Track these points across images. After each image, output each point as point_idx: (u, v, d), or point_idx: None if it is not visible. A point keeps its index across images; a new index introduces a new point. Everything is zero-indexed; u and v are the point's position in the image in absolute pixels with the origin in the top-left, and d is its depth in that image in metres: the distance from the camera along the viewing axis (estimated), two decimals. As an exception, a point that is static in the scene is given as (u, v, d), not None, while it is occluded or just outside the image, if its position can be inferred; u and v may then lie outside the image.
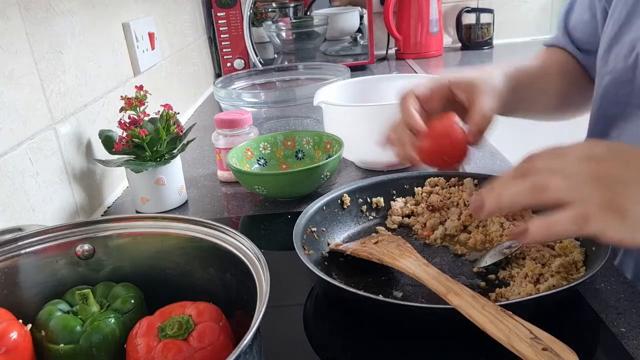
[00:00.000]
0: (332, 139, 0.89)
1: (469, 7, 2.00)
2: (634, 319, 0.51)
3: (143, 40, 1.12)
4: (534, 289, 0.54)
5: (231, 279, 0.48)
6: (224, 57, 1.65)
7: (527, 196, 0.45)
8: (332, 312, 0.58)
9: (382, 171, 0.92)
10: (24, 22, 0.71)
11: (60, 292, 0.50)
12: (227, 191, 0.92)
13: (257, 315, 0.37)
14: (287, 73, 1.42)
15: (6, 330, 0.43)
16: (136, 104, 0.80)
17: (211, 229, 0.49)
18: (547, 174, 0.44)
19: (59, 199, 0.76)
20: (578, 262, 0.56)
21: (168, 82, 1.31)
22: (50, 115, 0.76)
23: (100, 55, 0.94)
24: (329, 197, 0.70)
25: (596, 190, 0.42)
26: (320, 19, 1.86)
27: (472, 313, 0.45)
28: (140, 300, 0.50)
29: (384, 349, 0.51)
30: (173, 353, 0.41)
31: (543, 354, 0.39)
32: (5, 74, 0.66)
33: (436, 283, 0.50)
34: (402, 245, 0.61)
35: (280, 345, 0.54)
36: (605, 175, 0.43)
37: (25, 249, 0.49)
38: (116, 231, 0.52)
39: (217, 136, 0.92)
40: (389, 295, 0.57)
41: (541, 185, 0.44)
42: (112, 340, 0.45)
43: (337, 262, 0.64)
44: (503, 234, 0.64)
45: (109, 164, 0.82)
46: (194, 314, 0.44)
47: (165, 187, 0.83)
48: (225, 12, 1.60)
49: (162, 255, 0.52)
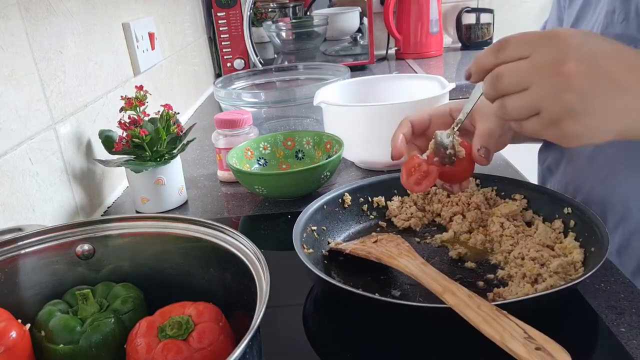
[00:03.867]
0: (332, 139, 0.89)
1: (469, 7, 2.00)
2: (634, 319, 0.51)
3: (143, 40, 1.12)
4: (531, 289, 0.54)
5: (231, 279, 0.48)
6: (224, 57, 1.65)
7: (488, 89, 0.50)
8: (331, 312, 0.58)
9: (382, 171, 0.92)
10: (24, 22, 0.71)
11: (60, 292, 0.50)
12: (227, 191, 0.92)
13: (257, 315, 0.37)
14: (287, 73, 1.42)
15: (5, 330, 0.43)
16: (136, 104, 0.80)
17: (211, 229, 0.49)
18: (513, 81, 0.48)
19: (59, 199, 0.76)
20: (577, 263, 0.56)
21: (168, 82, 1.31)
22: (50, 115, 0.76)
23: (100, 55, 0.94)
24: (329, 196, 0.70)
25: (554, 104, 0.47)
26: (320, 19, 1.86)
27: (467, 312, 0.45)
28: (140, 300, 0.50)
29: (382, 348, 0.51)
30: (173, 353, 0.41)
31: (536, 353, 0.39)
32: (5, 74, 0.66)
33: (433, 282, 0.51)
34: (401, 244, 0.61)
35: (280, 345, 0.54)
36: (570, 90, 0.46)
37: (25, 249, 0.49)
38: (116, 231, 0.52)
39: (217, 136, 0.92)
40: (388, 294, 0.57)
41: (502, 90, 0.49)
42: (112, 340, 0.45)
43: (337, 261, 0.64)
44: (503, 234, 0.64)
45: (109, 164, 0.82)
46: (193, 314, 0.44)
47: (165, 187, 0.83)
48: (225, 12, 1.60)
49: (162, 255, 0.52)
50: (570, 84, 0.45)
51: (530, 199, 0.69)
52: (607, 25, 0.68)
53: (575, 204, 0.63)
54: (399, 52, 1.95)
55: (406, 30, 1.90)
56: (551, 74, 0.46)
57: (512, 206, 0.67)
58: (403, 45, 1.92)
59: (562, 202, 0.64)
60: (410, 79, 1.04)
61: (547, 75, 0.46)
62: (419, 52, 1.91)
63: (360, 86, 1.05)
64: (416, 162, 0.62)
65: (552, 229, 0.64)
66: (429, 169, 0.61)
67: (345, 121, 0.90)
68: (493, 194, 0.71)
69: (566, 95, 0.46)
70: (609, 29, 0.68)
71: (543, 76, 0.46)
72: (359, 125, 0.88)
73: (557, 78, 0.45)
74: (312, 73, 1.39)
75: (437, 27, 1.90)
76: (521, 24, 2.05)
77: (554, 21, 0.86)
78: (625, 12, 0.66)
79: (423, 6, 1.86)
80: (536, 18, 2.05)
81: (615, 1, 0.67)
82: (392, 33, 1.88)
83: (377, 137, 0.87)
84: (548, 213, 0.66)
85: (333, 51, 1.88)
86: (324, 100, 0.91)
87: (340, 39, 1.98)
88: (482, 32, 1.99)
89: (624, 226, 0.68)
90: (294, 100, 1.15)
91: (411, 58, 1.91)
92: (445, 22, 2.05)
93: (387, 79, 1.06)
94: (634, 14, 0.65)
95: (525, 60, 0.47)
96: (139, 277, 0.52)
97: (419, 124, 0.68)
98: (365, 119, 0.87)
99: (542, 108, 0.47)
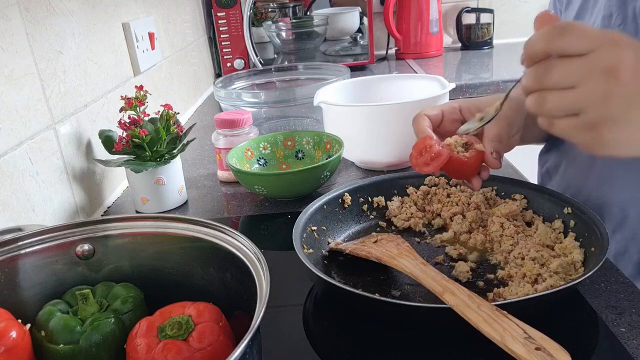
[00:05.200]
0: (332, 139, 0.89)
1: (469, 7, 1.99)
2: (634, 319, 0.51)
3: (143, 40, 1.12)
4: (531, 289, 0.54)
5: (231, 279, 0.48)
6: (224, 57, 1.65)
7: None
8: (331, 312, 0.58)
9: (382, 171, 0.92)
10: (24, 22, 0.71)
11: (60, 292, 0.50)
12: (227, 191, 0.92)
13: (257, 315, 0.37)
14: (287, 73, 1.42)
15: (5, 330, 0.43)
16: (136, 104, 0.80)
17: (211, 229, 0.49)
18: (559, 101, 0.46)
19: (59, 199, 0.76)
20: (577, 263, 0.56)
21: (168, 82, 1.31)
22: (50, 115, 0.76)
23: (100, 55, 0.94)
24: (330, 196, 0.70)
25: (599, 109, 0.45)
26: (320, 19, 1.86)
27: (467, 312, 0.45)
28: (140, 300, 0.50)
29: (382, 348, 0.51)
30: (173, 353, 0.41)
31: (536, 353, 0.40)
32: (5, 74, 0.66)
33: (433, 282, 0.51)
34: (401, 244, 0.61)
35: (280, 345, 0.54)
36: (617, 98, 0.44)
37: (25, 249, 0.49)
38: (116, 231, 0.52)
39: (217, 136, 0.93)
40: (387, 294, 0.57)
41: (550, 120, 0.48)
42: (112, 340, 0.45)
43: (337, 261, 0.64)
44: (503, 234, 0.64)
45: (109, 164, 0.82)
46: (193, 314, 0.44)
47: (165, 187, 0.83)
48: (225, 12, 1.60)
49: (162, 255, 0.52)
50: (621, 92, 0.44)
51: (530, 199, 0.69)
52: (604, 28, 0.68)
53: (575, 204, 0.63)
54: (399, 52, 1.95)
55: (406, 30, 1.90)
56: (605, 78, 0.44)
57: (512, 206, 0.67)
58: (403, 45, 1.92)
59: (562, 202, 0.64)
60: (410, 79, 1.04)
61: (600, 78, 0.44)
62: (419, 52, 1.91)
63: (360, 86, 1.05)
64: (428, 143, 0.62)
65: (552, 229, 0.63)
66: (440, 151, 0.61)
67: (345, 121, 0.90)
68: (493, 194, 0.71)
69: (614, 101, 0.44)
70: None
71: (596, 78, 0.44)
72: (359, 125, 0.88)
73: (609, 83, 0.44)
74: (312, 73, 1.39)
75: (437, 27, 1.90)
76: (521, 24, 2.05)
77: None
78: (623, 16, 0.66)
79: (423, 6, 1.86)
80: (536, 18, 2.05)
81: (612, 5, 0.67)
82: (392, 33, 1.88)
83: (377, 137, 0.87)
84: (548, 213, 0.66)
85: (333, 51, 1.88)
86: (324, 100, 0.91)
87: (340, 39, 1.98)
88: (482, 32, 1.99)
89: (621, 232, 0.68)
90: (294, 100, 1.15)
91: (411, 58, 1.91)
92: (445, 22, 2.05)
93: (387, 79, 1.06)
94: (631, 17, 0.65)
95: (582, 58, 0.44)
96: (139, 277, 0.52)
97: (434, 118, 0.68)
98: (365, 119, 0.87)
99: (585, 110, 0.45)
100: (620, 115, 0.45)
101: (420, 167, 0.62)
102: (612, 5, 0.67)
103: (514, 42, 2.06)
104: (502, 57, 1.91)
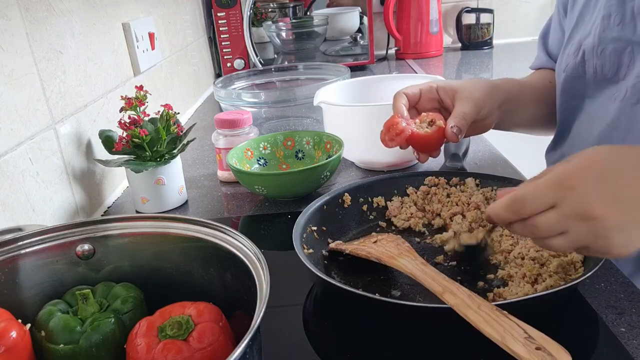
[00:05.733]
0: (332, 139, 0.89)
1: (469, 7, 2.00)
2: (633, 319, 0.51)
3: (143, 40, 1.12)
4: (531, 289, 0.54)
5: (231, 279, 0.48)
6: (224, 57, 1.65)
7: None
8: (331, 312, 0.58)
9: (382, 171, 0.92)
10: (24, 22, 0.71)
11: (60, 292, 0.50)
12: (227, 191, 0.92)
13: (257, 315, 0.37)
14: (287, 73, 1.42)
15: (5, 330, 0.43)
16: (136, 104, 0.80)
17: (211, 229, 0.49)
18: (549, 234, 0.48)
19: (59, 199, 0.76)
20: (577, 263, 0.56)
21: (168, 82, 1.31)
22: (50, 115, 0.76)
23: (100, 55, 0.94)
24: (329, 196, 0.70)
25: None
26: (320, 19, 1.86)
27: (467, 312, 0.45)
28: (140, 300, 0.50)
29: (382, 348, 0.51)
30: (173, 353, 0.41)
31: (536, 353, 0.40)
32: (5, 74, 0.66)
33: (433, 282, 0.51)
34: (401, 244, 0.61)
35: (280, 345, 0.54)
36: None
37: (25, 249, 0.49)
38: (116, 231, 0.52)
39: (217, 136, 0.93)
40: (388, 294, 0.57)
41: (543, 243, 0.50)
42: (112, 340, 0.45)
43: (337, 261, 0.64)
44: (503, 234, 0.64)
45: (109, 164, 0.82)
46: (193, 314, 0.44)
47: (165, 187, 0.83)
48: (225, 12, 1.60)
49: (162, 255, 0.52)
50: (605, 225, 0.45)
51: (530, 199, 0.68)
52: (604, 28, 0.69)
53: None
54: (399, 52, 1.95)
55: (406, 30, 1.90)
56: (583, 221, 0.46)
57: (512, 206, 0.67)
58: (403, 45, 1.92)
59: (562, 202, 0.64)
60: (410, 79, 1.03)
61: (581, 222, 0.46)
62: (419, 52, 1.91)
63: (360, 86, 1.05)
64: (395, 120, 0.69)
65: (552, 229, 0.63)
66: (404, 128, 0.68)
67: (345, 121, 0.90)
68: (493, 193, 0.71)
69: (606, 233, 0.46)
70: (606, 32, 0.69)
71: (577, 223, 0.46)
72: (359, 125, 0.88)
73: (591, 223, 0.46)
74: (312, 73, 1.39)
75: (437, 27, 1.90)
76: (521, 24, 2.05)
77: (555, 28, 0.87)
78: (621, 16, 0.67)
79: (423, 6, 1.86)
80: (536, 18, 2.05)
81: (611, 5, 0.68)
82: (392, 33, 1.88)
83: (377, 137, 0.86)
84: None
85: (333, 51, 1.88)
86: (324, 100, 0.91)
87: (340, 39, 1.98)
88: (482, 32, 2.00)
89: None
90: (294, 100, 1.15)
91: (411, 58, 1.91)
92: (445, 22, 2.05)
93: (387, 79, 1.06)
94: (630, 17, 0.66)
95: (554, 211, 0.47)
96: (139, 277, 0.52)
97: (412, 97, 0.74)
98: (365, 119, 0.87)
99: (582, 245, 0.48)
100: (617, 238, 0.46)
101: (386, 143, 0.69)
102: (611, 5, 0.68)
103: (514, 42, 2.06)
104: (502, 57, 1.91)
